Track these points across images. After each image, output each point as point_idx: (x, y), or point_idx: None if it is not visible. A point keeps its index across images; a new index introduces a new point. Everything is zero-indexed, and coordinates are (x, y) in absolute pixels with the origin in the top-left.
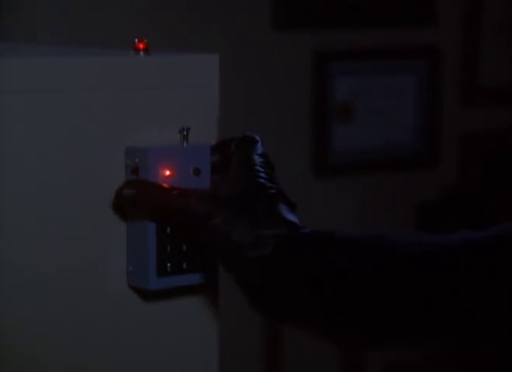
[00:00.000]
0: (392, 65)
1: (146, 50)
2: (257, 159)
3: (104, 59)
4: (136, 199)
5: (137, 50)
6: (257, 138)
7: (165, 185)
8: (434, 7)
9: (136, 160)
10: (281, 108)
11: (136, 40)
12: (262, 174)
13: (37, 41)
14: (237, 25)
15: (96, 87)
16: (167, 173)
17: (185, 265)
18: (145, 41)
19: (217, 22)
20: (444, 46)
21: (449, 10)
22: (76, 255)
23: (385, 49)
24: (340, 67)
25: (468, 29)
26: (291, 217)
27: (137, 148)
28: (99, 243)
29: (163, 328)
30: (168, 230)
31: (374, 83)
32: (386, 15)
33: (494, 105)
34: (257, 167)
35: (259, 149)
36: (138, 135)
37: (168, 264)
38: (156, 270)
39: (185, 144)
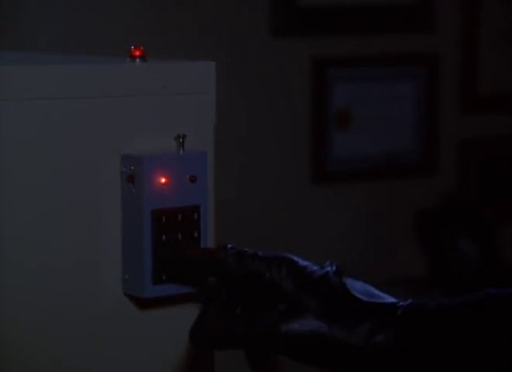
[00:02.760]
0: (390, 72)
1: (142, 57)
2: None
3: (100, 66)
4: None
5: (133, 57)
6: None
7: None
8: (433, 15)
9: (132, 167)
10: (279, 115)
11: (132, 47)
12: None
13: (35, 49)
14: (236, 32)
15: (92, 94)
16: (163, 180)
17: None
18: (141, 48)
19: (216, 29)
20: (442, 53)
21: (448, 18)
22: (71, 262)
23: (384, 57)
24: (339, 74)
25: (467, 37)
26: (385, 298)
27: (133, 155)
28: (95, 251)
29: (158, 335)
30: (164, 237)
31: (372, 90)
32: (385, 23)
33: (493, 113)
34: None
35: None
36: (134, 142)
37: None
38: (151, 278)
39: (181, 151)
